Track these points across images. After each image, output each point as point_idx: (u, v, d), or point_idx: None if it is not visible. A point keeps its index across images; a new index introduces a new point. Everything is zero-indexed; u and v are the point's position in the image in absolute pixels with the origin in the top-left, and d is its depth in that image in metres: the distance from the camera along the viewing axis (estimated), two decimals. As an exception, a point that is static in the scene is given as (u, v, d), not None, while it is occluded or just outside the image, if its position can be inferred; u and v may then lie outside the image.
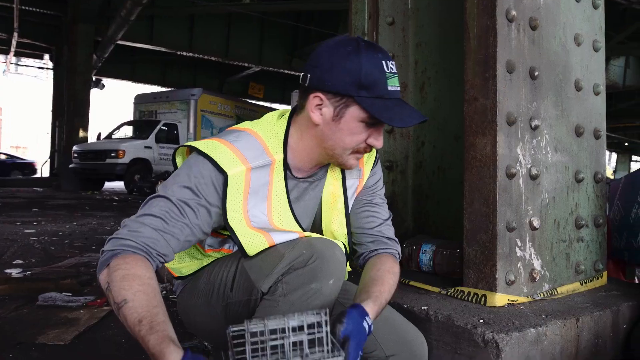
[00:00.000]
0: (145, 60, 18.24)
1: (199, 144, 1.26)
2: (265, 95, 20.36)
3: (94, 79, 15.70)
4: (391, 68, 1.25)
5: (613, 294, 1.90)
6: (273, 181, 1.30)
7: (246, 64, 17.00)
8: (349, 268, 1.49)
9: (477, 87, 1.67)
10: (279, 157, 1.30)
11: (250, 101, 18.15)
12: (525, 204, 1.72)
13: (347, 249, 1.44)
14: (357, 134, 1.27)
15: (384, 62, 1.24)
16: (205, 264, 1.41)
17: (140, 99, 16.14)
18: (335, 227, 1.42)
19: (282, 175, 1.32)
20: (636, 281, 2.52)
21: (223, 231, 1.36)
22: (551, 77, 1.80)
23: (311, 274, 1.19)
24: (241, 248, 1.28)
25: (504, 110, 1.64)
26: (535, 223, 1.74)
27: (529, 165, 1.73)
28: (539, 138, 1.76)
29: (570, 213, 1.88)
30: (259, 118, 1.39)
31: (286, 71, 17.25)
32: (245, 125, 1.36)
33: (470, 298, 1.70)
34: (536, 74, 1.73)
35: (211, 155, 1.23)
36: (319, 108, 1.26)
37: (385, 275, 1.33)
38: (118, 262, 1.07)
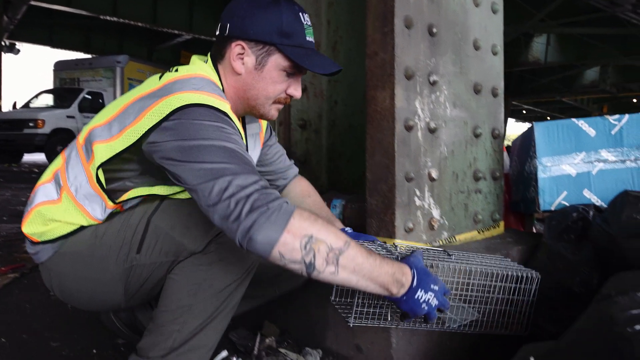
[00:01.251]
0: (66, 25, 17.16)
1: (194, 99, 1.14)
2: (197, 64, 19.79)
3: (6, 43, 14.64)
4: (307, 20, 1.31)
5: (507, 241, 2.05)
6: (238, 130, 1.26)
7: (176, 31, 16.36)
8: None
9: (377, 42, 1.72)
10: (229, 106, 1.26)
11: (180, 70, 17.58)
12: (424, 156, 1.81)
13: None
14: (279, 83, 1.31)
15: (301, 14, 1.29)
16: (83, 224, 1.30)
17: (60, 66, 15.23)
18: None
19: (240, 125, 1.36)
20: (534, 231, 2.73)
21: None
22: (450, 35, 1.88)
23: None
24: None
25: (402, 64, 1.70)
26: (434, 174, 1.83)
27: (428, 119, 1.81)
28: (438, 93, 1.85)
29: (468, 166, 2.00)
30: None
31: (218, 39, 16.78)
32: (195, 70, 1.26)
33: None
34: (434, 30, 1.80)
35: (216, 106, 1.16)
36: (241, 57, 1.28)
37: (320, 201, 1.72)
38: (297, 212, 1.04)
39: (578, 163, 2.02)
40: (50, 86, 14.85)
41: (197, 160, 1.06)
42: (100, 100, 13.49)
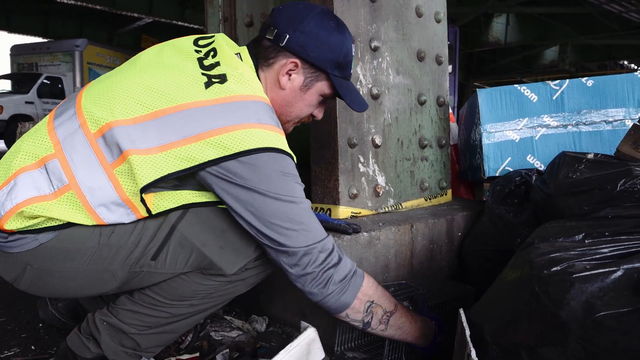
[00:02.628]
0: (23, 9, 16.52)
1: (265, 141, 1.10)
2: (159, 48, 19.39)
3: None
4: (354, 51, 1.35)
5: (453, 208, 2.07)
6: None
7: (136, 14, 15.98)
8: None
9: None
10: None
11: (143, 54, 17.19)
12: (367, 122, 1.81)
13: None
14: (313, 106, 1.34)
15: (352, 45, 1.32)
16: (83, 223, 1.14)
17: (17, 50, 14.69)
18: None
19: None
20: (484, 199, 2.77)
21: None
22: (391, 1, 1.87)
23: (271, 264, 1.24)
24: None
25: (342, 29, 1.68)
26: (378, 141, 1.83)
27: (370, 85, 1.81)
28: (380, 60, 1.84)
29: (413, 133, 2.00)
30: (126, 69, 1.23)
31: (179, 22, 16.46)
32: (247, 85, 1.17)
33: (317, 212, 1.78)
34: (375, -4, 1.79)
35: (285, 149, 1.14)
36: (290, 73, 1.27)
37: None
38: (365, 282, 1.21)
39: (521, 129, 2.05)
40: (8, 72, 14.33)
41: (277, 222, 1.10)
42: (60, 86, 13.11)
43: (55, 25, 17.98)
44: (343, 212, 1.74)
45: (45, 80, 12.73)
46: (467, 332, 1.01)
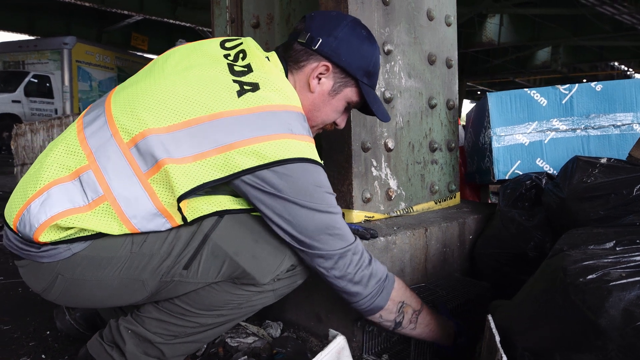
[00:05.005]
0: (7, 5, 16.27)
1: (299, 151, 1.11)
2: (150, 46, 19.22)
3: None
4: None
5: (463, 211, 2.08)
6: None
7: (126, 12, 15.81)
8: None
9: (331, 10, 1.69)
10: None
11: (133, 52, 17.04)
12: (379, 126, 1.80)
13: None
14: (339, 112, 1.34)
15: (380, 56, 1.36)
16: (117, 233, 1.12)
17: (3, 48, 14.47)
18: None
19: None
20: (490, 202, 2.78)
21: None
22: (404, 5, 1.87)
23: (304, 273, 1.28)
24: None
25: (357, 32, 1.67)
26: (390, 144, 1.83)
27: (383, 89, 1.80)
28: (392, 63, 1.84)
29: (424, 137, 2.00)
30: (156, 74, 1.20)
31: (171, 20, 16.34)
32: (292, 102, 1.17)
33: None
34: (388, -1, 1.78)
35: (317, 160, 1.15)
36: (319, 77, 1.27)
37: None
38: (396, 284, 1.27)
39: (531, 132, 2.06)
40: (-6, 70, 14.15)
41: (313, 231, 1.12)
42: (48, 84, 12.98)
43: (42, 22, 17.72)
44: (357, 216, 1.74)
45: (32, 79, 12.61)
46: (497, 338, 1.01)
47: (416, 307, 1.31)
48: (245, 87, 1.12)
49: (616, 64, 18.31)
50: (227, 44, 1.26)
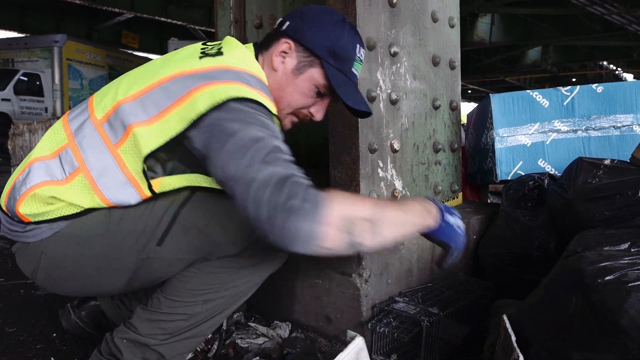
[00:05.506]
0: (-2, 3, 16.14)
1: (251, 94, 1.10)
2: (140, 45, 19.11)
3: None
4: (362, 55, 1.31)
5: (466, 211, 2.10)
6: None
7: (117, 10, 15.70)
8: None
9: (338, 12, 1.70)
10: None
11: (124, 50, 16.93)
12: (386, 127, 1.81)
13: None
14: (306, 97, 1.29)
15: (358, 45, 1.29)
16: (92, 208, 1.17)
17: (-8, 46, 14.35)
18: None
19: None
20: (489, 202, 2.81)
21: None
22: (409, 6, 1.88)
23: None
24: None
25: (364, 34, 1.68)
26: (396, 146, 1.84)
27: (389, 91, 1.81)
28: (399, 65, 1.85)
29: (428, 138, 2.02)
30: (134, 69, 1.28)
31: (162, 19, 16.25)
32: (241, 60, 1.19)
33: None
34: (394, 1, 1.79)
35: (270, 108, 1.13)
36: (283, 55, 1.26)
37: None
38: (332, 199, 0.99)
39: (533, 133, 2.08)
40: (-18, 68, 13.98)
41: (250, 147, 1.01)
42: (38, 83, 12.85)
43: (32, 19, 17.56)
44: (364, 217, 1.75)
45: (22, 77, 12.48)
46: (513, 338, 1.03)
47: (365, 215, 1.03)
48: (208, 53, 1.18)
49: (605, 63, 18.50)
50: (208, 43, 1.30)
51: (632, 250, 0.99)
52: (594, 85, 2.06)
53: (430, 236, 1.22)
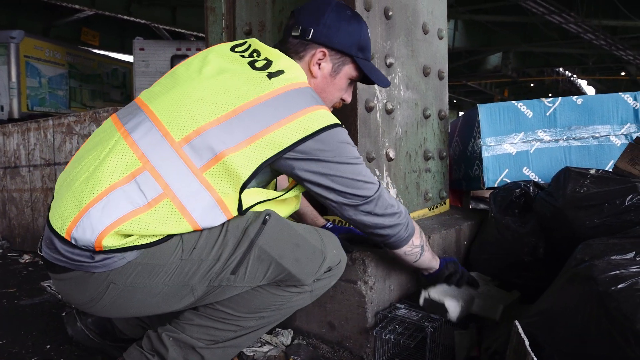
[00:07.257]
0: (-53, -3, 15.42)
1: (332, 119, 1.26)
2: (101, 42, 18.62)
3: None
4: (369, 32, 1.47)
5: (455, 217, 2.16)
6: None
7: (77, 6, 15.26)
8: None
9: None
10: None
11: (85, 48, 16.45)
12: (382, 137, 1.85)
13: None
14: (342, 90, 1.45)
15: (367, 29, 1.45)
16: (178, 232, 1.17)
17: (-58, 42, 13.70)
18: None
19: None
20: (471, 207, 2.89)
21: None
22: (403, 19, 1.93)
23: (338, 274, 1.39)
24: None
25: (365, 46, 1.72)
26: (391, 154, 1.88)
27: (385, 101, 1.85)
28: (393, 75, 1.89)
29: (419, 146, 2.07)
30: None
31: (124, 17, 15.89)
32: (300, 75, 1.30)
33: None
34: (390, 14, 1.84)
35: (340, 123, 1.28)
36: (319, 62, 1.37)
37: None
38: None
39: (517, 142, 2.16)
40: None
41: (355, 180, 1.26)
42: (-6, 80, 12.36)
43: (-17, 14, 16.84)
44: (362, 224, 1.78)
45: (-24, 74, 11.98)
46: (527, 342, 1.08)
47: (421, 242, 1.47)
48: (272, 72, 1.25)
49: (561, 69, 19.19)
50: (237, 49, 1.36)
51: (637, 259, 1.05)
52: (574, 98, 2.16)
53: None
